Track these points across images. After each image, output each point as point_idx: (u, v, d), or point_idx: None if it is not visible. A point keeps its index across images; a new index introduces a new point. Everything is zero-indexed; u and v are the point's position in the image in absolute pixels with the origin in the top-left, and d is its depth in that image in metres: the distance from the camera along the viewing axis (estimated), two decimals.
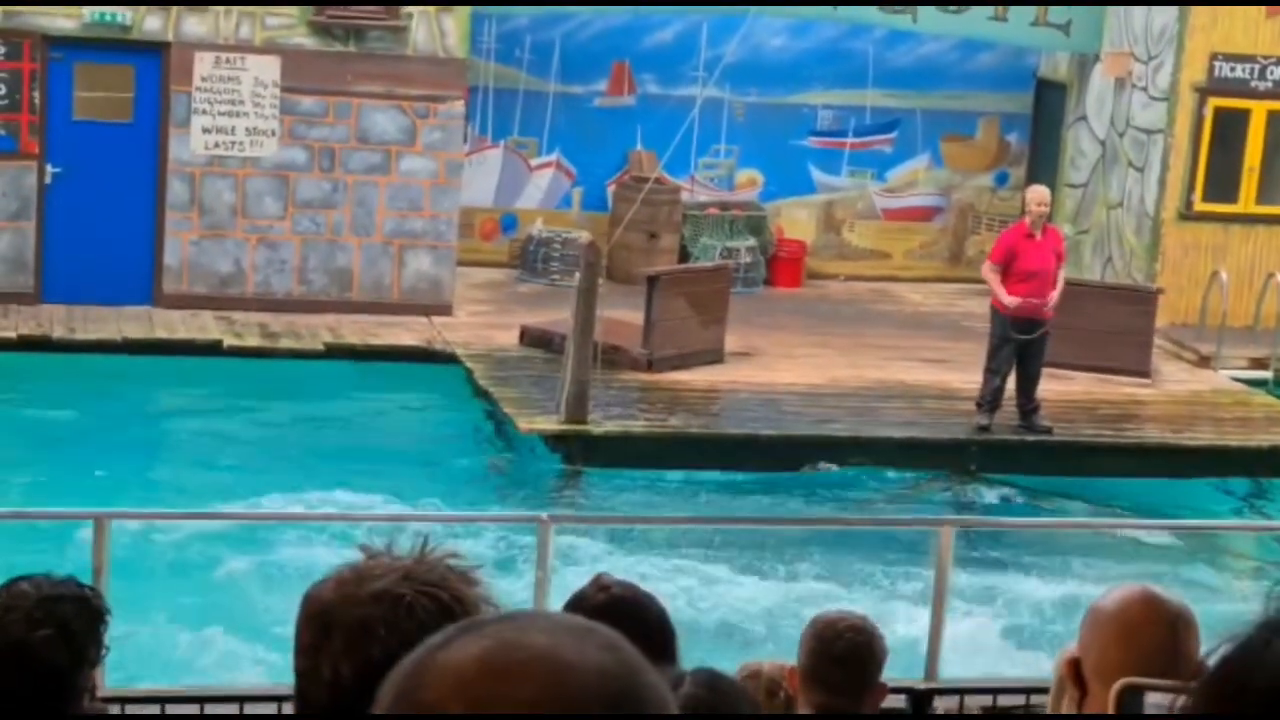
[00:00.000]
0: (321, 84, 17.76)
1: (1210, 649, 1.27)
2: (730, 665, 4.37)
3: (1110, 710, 1.75)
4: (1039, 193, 14.95)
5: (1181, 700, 1.24)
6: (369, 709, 1.81)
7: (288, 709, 2.19)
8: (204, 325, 17.26)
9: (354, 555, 2.13)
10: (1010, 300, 14.42)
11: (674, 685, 2.70)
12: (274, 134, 17.79)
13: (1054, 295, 14.62)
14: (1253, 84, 19.18)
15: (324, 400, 16.07)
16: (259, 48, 17.68)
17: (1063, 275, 14.82)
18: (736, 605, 12.18)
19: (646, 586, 3.96)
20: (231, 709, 6.81)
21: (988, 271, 14.79)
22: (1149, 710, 1.69)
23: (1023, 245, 14.49)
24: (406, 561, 2.04)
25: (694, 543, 13.06)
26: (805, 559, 12.97)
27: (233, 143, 17.71)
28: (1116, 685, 1.73)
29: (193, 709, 6.87)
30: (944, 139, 21.67)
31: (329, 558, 7.16)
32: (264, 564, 12.14)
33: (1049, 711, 2.47)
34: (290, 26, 17.73)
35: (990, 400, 14.94)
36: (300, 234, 17.97)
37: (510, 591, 11.00)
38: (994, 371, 14.88)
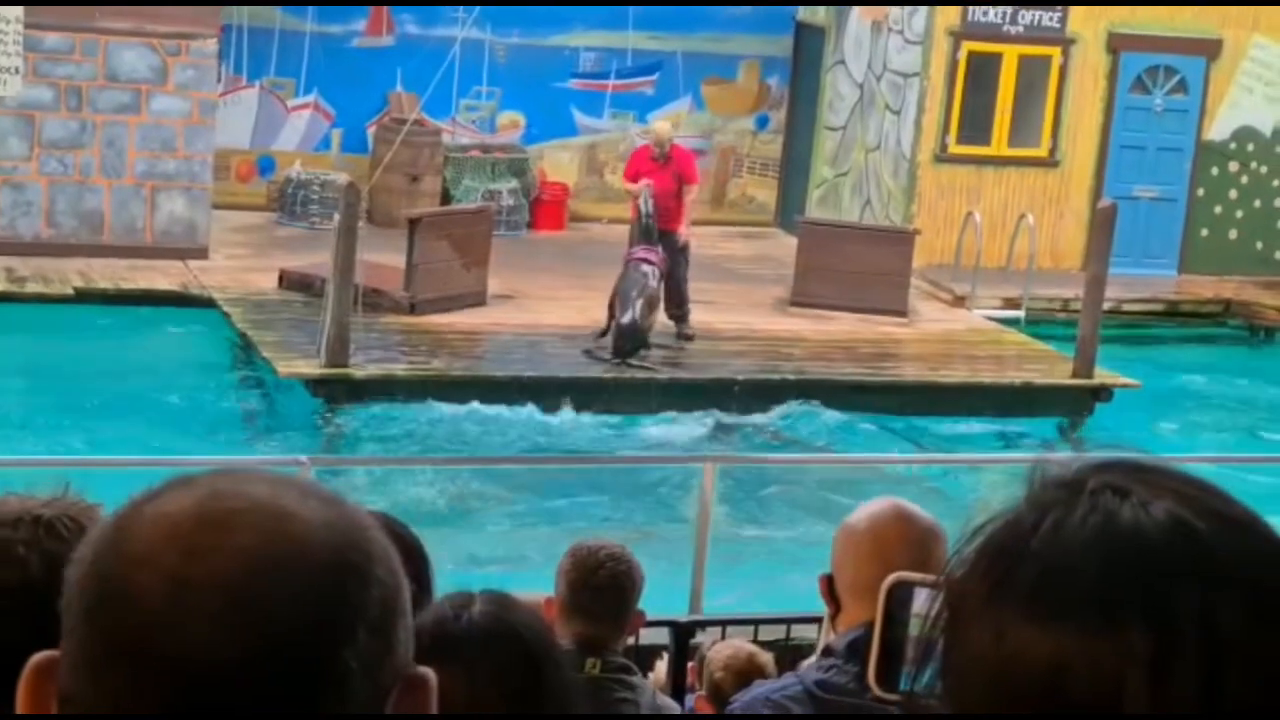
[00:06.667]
0: (67, 20, 17.18)
1: (961, 538, 1.21)
2: None
3: (880, 606, 1.76)
4: (658, 127, 16.51)
5: (938, 596, 1.17)
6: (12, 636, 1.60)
7: None
8: None
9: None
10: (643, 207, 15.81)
11: (464, 604, 2.65)
12: (18, 72, 17.18)
13: (682, 215, 15.93)
14: (1005, 28, 19.55)
15: (75, 346, 15.60)
16: None
17: (691, 195, 16.15)
18: (489, 542, 12.16)
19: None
20: None
21: (627, 187, 16.29)
22: (917, 610, 1.69)
23: (647, 166, 15.88)
24: (36, 499, 1.93)
25: (453, 483, 12.98)
26: (566, 497, 12.96)
27: None
28: (888, 580, 1.74)
29: None
30: (705, 82, 21.75)
31: None
32: None
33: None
34: None
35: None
36: (47, 175, 17.42)
37: None
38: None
